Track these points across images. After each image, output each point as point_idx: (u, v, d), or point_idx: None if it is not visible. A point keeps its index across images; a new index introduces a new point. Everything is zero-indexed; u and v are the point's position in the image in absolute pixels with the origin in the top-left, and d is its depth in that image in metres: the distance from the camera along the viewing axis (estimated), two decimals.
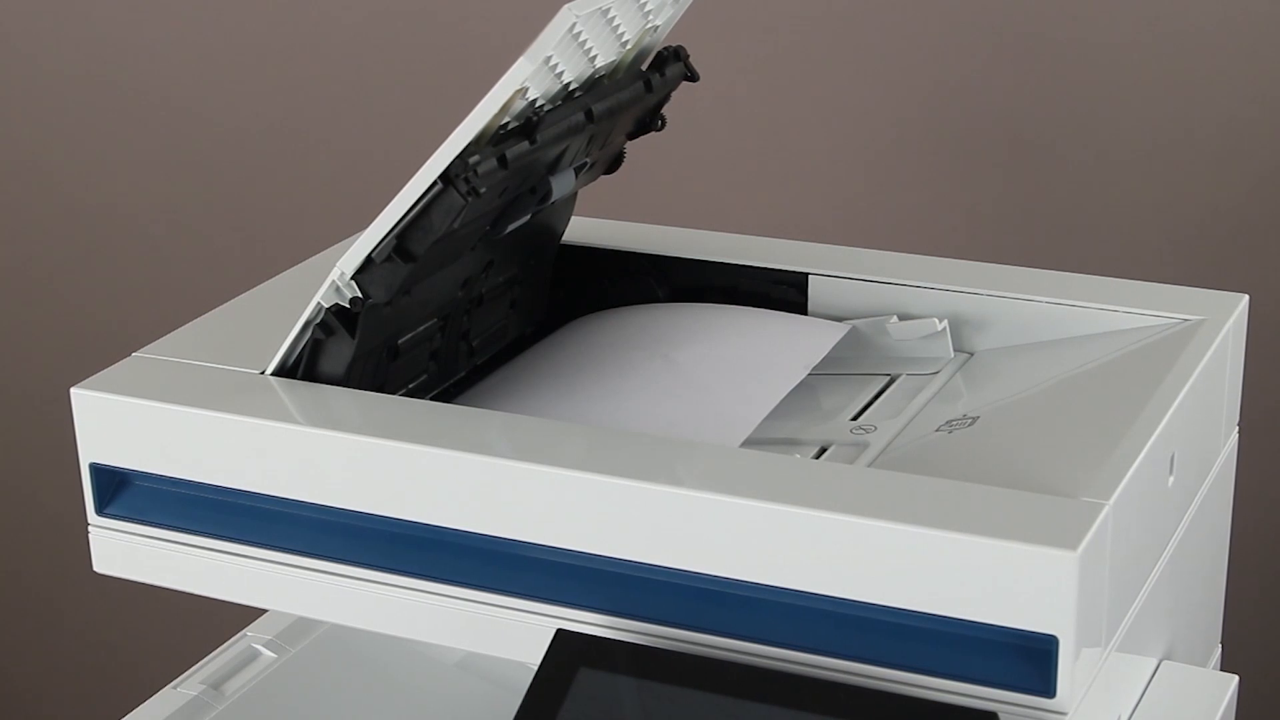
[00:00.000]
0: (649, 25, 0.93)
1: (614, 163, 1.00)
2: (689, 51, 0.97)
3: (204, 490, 0.86)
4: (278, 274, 1.01)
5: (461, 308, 0.95)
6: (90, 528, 0.89)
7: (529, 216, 0.93)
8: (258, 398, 0.86)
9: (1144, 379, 0.86)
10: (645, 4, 0.90)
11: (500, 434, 0.82)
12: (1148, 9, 1.36)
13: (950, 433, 0.87)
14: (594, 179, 0.99)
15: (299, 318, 0.87)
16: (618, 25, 0.89)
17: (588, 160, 0.95)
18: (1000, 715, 0.72)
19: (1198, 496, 0.91)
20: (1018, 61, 1.41)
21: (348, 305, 0.85)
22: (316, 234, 1.17)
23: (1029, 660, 0.71)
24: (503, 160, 0.84)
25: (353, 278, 0.85)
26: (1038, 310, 0.96)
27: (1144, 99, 1.38)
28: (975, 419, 0.88)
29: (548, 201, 0.92)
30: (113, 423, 0.87)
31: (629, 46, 0.93)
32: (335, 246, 1.00)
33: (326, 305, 0.86)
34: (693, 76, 0.97)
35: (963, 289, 0.98)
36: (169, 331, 0.93)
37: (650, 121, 0.98)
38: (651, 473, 0.77)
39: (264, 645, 1.04)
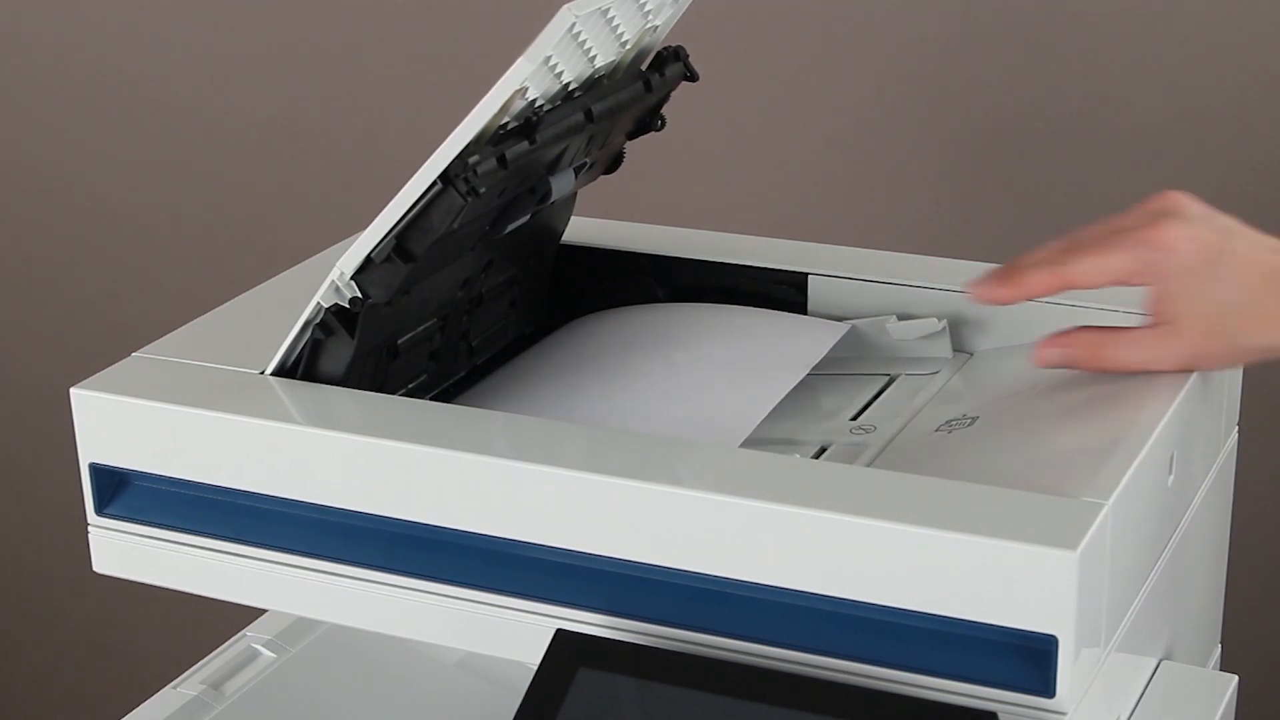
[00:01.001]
0: (649, 25, 0.93)
1: (614, 163, 1.00)
2: (689, 51, 0.97)
3: (204, 490, 0.86)
4: (278, 274, 1.01)
5: (461, 308, 0.95)
6: (90, 528, 0.89)
7: (529, 216, 0.93)
8: (258, 398, 0.86)
9: (1144, 379, 0.86)
10: (645, 4, 0.90)
11: (500, 434, 0.82)
12: (1149, 9, 1.36)
13: (950, 433, 0.87)
14: (594, 179, 0.99)
15: (299, 318, 0.87)
16: (617, 25, 0.89)
17: (587, 160, 0.95)
18: (1000, 715, 0.72)
19: (1198, 496, 0.91)
20: (1018, 62, 1.41)
21: (347, 305, 0.85)
22: (316, 234, 1.17)
23: (1029, 660, 0.71)
24: (502, 160, 0.84)
25: (353, 278, 0.85)
26: (1038, 310, 0.96)
27: (1144, 99, 1.38)
28: (975, 419, 0.88)
29: (547, 201, 0.92)
30: (113, 423, 0.87)
31: (629, 46, 0.93)
32: (335, 246, 1.00)
33: (326, 305, 0.86)
34: (693, 76, 0.97)
35: (963, 289, 0.98)
36: (169, 331, 0.93)
37: (650, 121, 0.98)
38: (651, 473, 0.77)
39: (264, 645, 1.04)
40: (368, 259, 0.84)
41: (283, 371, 0.88)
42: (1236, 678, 0.89)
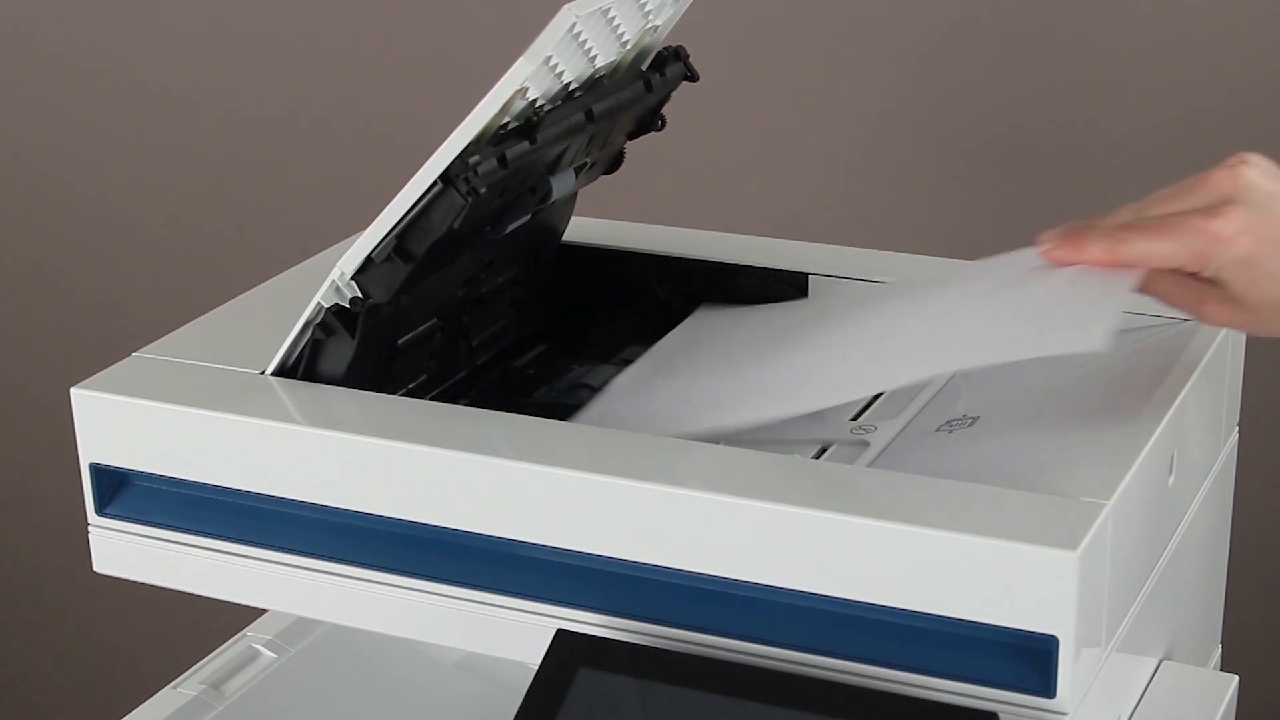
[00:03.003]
0: (649, 25, 0.93)
1: (614, 163, 1.00)
2: (689, 51, 0.97)
3: (204, 490, 0.86)
4: (278, 274, 1.01)
5: (462, 308, 0.95)
6: (90, 528, 0.89)
7: (529, 216, 0.93)
8: (258, 398, 0.86)
9: (1144, 379, 0.86)
10: (645, 4, 0.90)
11: (500, 434, 0.82)
12: (1149, 10, 1.36)
13: (950, 433, 0.87)
14: (594, 179, 0.99)
15: (299, 318, 0.87)
16: (618, 25, 0.89)
17: (588, 160, 0.95)
18: (1000, 715, 0.72)
19: (1198, 496, 0.91)
20: (1018, 61, 1.41)
21: (348, 305, 0.85)
22: (316, 234, 1.17)
23: (1029, 660, 0.71)
24: (503, 160, 0.84)
25: (353, 278, 0.85)
26: None
27: (1144, 98, 1.38)
28: (975, 419, 0.88)
29: (548, 201, 0.92)
30: (113, 423, 0.87)
31: (629, 46, 0.93)
32: (335, 246, 1.00)
33: (326, 305, 0.86)
34: (693, 76, 0.97)
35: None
36: (169, 331, 0.93)
37: (650, 121, 0.98)
38: (651, 473, 0.77)
39: (264, 645, 1.04)
40: (368, 259, 0.85)
41: (283, 371, 0.88)
42: (1236, 678, 0.89)
